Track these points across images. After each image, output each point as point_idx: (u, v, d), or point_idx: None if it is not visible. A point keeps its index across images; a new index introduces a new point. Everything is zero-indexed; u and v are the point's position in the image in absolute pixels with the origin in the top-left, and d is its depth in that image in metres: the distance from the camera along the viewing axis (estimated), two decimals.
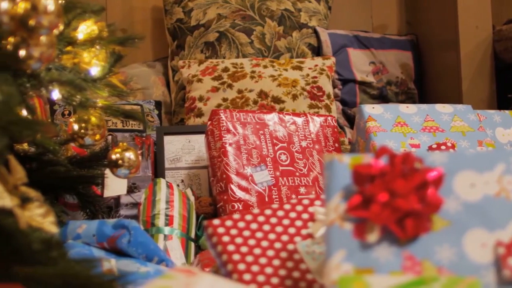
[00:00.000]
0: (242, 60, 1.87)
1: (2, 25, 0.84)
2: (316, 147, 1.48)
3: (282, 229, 0.93)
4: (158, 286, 0.65)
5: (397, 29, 2.35)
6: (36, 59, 0.87)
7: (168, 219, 1.27)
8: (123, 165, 1.12)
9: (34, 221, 0.82)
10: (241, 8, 2.00)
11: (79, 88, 0.98)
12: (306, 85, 1.79)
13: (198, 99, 1.76)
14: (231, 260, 0.88)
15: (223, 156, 1.38)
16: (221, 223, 0.93)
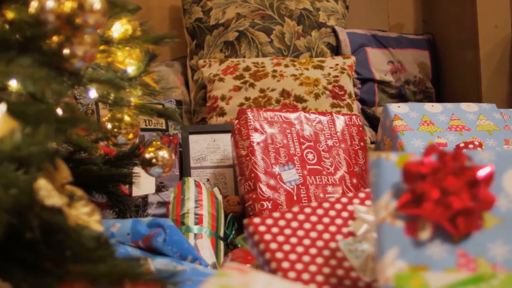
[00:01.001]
0: (263, 59, 1.87)
1: (47, 23, 0.84)
2: (342, 146, 1.49)
3: (323, 227, 0.93)
4: (219, 285, 0.65)
5: (414, 28, 2.36)
6: (80, 58, 0.87)
7: (198, 218, 1.27)
8: (157, 164, 1.12)
9: (80, 220, 0.82)
10: (260, 7, 2.00)
11: (118, 87, 0.98)
12: (328, 84, 1.79)
13: (220, 98, 1.77)
14: (275, 258, 0.88)
15: (251, 155, 1.38)
16: (262, 221, 0.93)
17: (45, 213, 0.73)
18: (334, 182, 1.42)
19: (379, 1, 2.35)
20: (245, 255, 1.14)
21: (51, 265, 0.74)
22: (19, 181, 0.70)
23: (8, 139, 0.68)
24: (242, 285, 0.66)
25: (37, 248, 0.74)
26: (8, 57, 0.75)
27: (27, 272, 0.73)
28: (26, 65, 0.75)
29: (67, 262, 0.74)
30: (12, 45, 0.80)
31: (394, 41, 2.14)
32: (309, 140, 1.46)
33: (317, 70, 1.84)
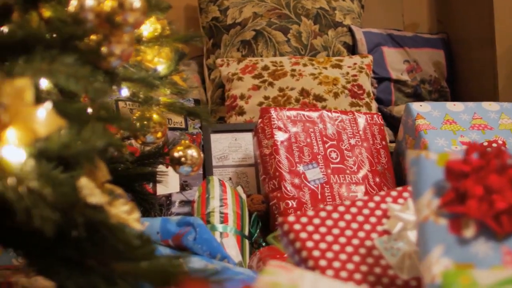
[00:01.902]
0: (281, 59, 1.87)
1: (86, 22, 0.84)
2: (365, 144, 1.49)
3: (357, 225, 0.93)
4: (269, 283, 0.65)
5: (428, 28, 2.36)
6: (117, 56, 0.87)
7: (223, 216, 1.27)
8: (186, 163, 1.12)
9: (120, 218, 0.82)
10: (276, 6, 2.00)
11: (150, 86, 0.99)
12: (347, 83, 1.80)
13: (239, 97, 1.77)
14: (312, 257, 0.88)
15: (275, 153, 1.38)
16: (297, 219, 0.93)
17: (88, 211, 0.73)
18: (357, 181, 1.42)
19: (393, 1, 2.35)
20: (273, 253, 1.15)
21: (95, 263, 0.74)
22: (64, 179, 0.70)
23: (56, 138, 0.68)
24: (291, 283, 0.67)
25: (81, 247, 0.74)
26: (50, 55, 0.75)
27: (72, 270, 0.73)
28: (69, 64, 0.75)
29: (111, 260, 0.74)
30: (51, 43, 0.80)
31: (409, 41, 2.14)
32: (332, 139, 1.46)
33: (335, 69, 1.84)
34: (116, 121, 0.83)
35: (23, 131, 0.67)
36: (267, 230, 1.38)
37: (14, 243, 0.79)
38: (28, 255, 0.77)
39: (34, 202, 0.64)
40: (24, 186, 0.65)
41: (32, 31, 0.78)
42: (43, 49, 0.75)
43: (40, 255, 0.75)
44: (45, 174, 0.66)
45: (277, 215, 1.35)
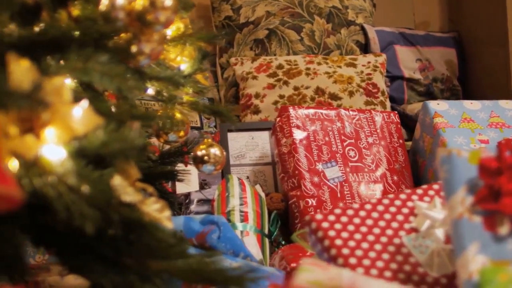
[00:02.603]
0: (295, 57, 1.88)
1: (117, 21, 0.84)
2: (382, 143, 1.49)
3: (384, 223, 0.94)
4: (309, 281, 0.65)
5: (439, 26, 2.36)
6: (147, 55, 0.87)
7: (243, 215, 1.27)
8: (209, 161, 1.12)
9: (152, 216, 0.82)
10: (289, 5, 2.01)
11: (177, 85, 0.99)
12: (361, 82, 1.80)
13: (254, 96, 1.77)
14: (341, 254, 0.88)
15: (294, 152, 1.38)
16: (324, 218, 0.93)
17: (123, 209, 0.73)
18: (376, 180, 1.42)
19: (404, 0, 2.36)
20: (296, 252, 1.15)
21: (130, 262, 0.74)
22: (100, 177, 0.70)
23: (94, 136, 0.69)
24: (330, 280, 0.67)
25: (116, 245, 0.74)
26: (85, 54, 0.75)
27: (107, 269, 0.74)
28: (103, 62, 0.76)
29: (146, 258, 0.74)
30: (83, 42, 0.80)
31: (421, 39, 2.14)
32: (350, 137, 1.46)
33: (349, 68, 1.85)
34: (148, 119, 0.83)
35: (62, 129, 0.67)
36: (286, 229, 1.39)
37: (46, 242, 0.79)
38: (62, 253, 0.77)
39: (74, 200, 0.64)
40: (63, 184, 0.65)
41: (64, 30, 0.78)
42: (77, 48, 0.75)
43: (75, 254, 0.75)
44: (83, 172, 0.67)
45: (297, 214, 1.36)
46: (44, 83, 0.66)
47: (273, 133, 1.48)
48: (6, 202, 0.54)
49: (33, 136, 0.65)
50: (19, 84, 0.61)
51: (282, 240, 1.33)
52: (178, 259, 0.75)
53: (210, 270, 0.74)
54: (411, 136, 1.64)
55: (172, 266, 0.74)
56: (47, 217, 0.71)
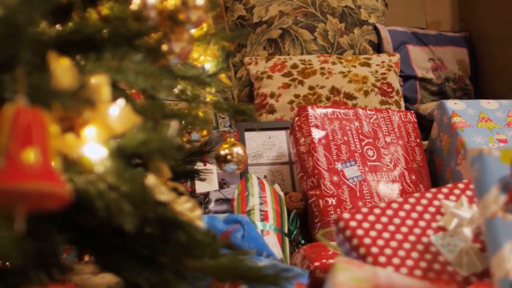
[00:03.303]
0: (309, 57, 1.88)
1: (148, 20, 0.84)
2: (400, 142, 1.49)
3: (412, 222, 0.94)
4: (352, 278, 0.65)
5: (450, 26, 2.37)
6: (176, 54, 0.87)
7: (263, 214, 1.27)
8: (232, 160, 1.12)
9: (185, 215, 0.83)
10: (302, 5, 2.01)
11: (204, 84, 0.99)
12: (376, 81, 1.80)
13: (269, 96, 1.77)
14: (370, 253, 0.88)
15: (313, 151, 1.39)
16: (352, 216, 0.93)
17: (159, 208, 0.73)
18: (394, 179, 1.43)
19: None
20: (318, 251, 1.15)
21: (166, 260, 0.74)
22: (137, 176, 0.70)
23: (133, 135, 0.69)
24: (370, 278, 0.67)
25: (152, 243, 0.74)
26: (120, 53, 0.75)
27: (143, 267, 0.74)
28: (137, 61, 0.76)
29: (181, 257, 0.74)
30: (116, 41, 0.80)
31: (433, 39, 2.15)
32: (368, 136, 1.46)
33: (364, 67, 1.85)
34: (180, 118, 0.83)
35: (101, 128, 0.67)
36: (305, 228, 1.39)
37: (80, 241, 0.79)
38: (96, 252, 0.78)
39: (115, 198, 0.64)
40: (104, 183, 0.65)
41: (97, 29, 0.78)
42: (112, 47, 0.76)
43: (110, 253, 0.76)
44: (123, 171, 0.67)
45: (316, 213, 1.36)
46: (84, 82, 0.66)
47: (291, 132, 1.49)
48: (55, 200, 0.54)
49: (74, 135, 0.65)
50: (63, 83, 0.61)
51: (302, 239, 1.33)
52: (212, 257, 0.75)
53: (245, 269, 0.74)
54: (425, 135, 1.65)
55: (207, 265, 0.74)
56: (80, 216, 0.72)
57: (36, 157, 0.52)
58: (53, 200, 0.53)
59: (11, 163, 0.51)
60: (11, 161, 0.52)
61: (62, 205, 0.54)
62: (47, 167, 0.53)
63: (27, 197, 0.52)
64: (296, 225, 1.34)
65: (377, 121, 1.50)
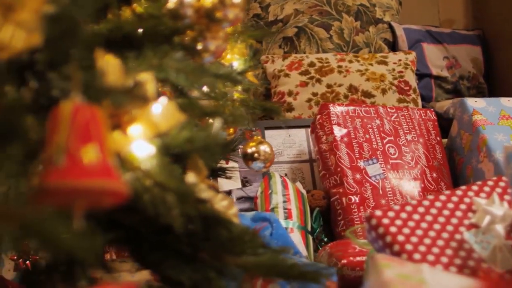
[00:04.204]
0: (326, 55, 1.88)
1: (184, 18, 0.84)
2: (420, 140, 1.50)
3: (444, 219, 0.94)
4: (398, 275, 0.65)
5: (463, 24, 2.37)
6: (211, 52, 0.88)
7: (287, 212, 1.28)
8: (259, 158, 1.12)
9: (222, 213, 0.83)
10: (317, 3, 2.01)
11: (235, 82, 0.99)
12: (394, 80, 1.81)
13: (287, 94, 1.78)
14: (404, 250, 0.88)
15: (335, 149, 1.39)
16: (384, 214, 0.93)
17: (201, 206, 0.74)
18: (416, 177, 1.43)
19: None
20: (344, 248, 1.15)
21: (207, 257, 0.75)
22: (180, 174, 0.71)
23: (178, 132, 0.69)
24: (416, 274, 0.67)
25: (194, 241, 0.74)
26: (161, 51, 0.75)
27: (184, 264, 0.74)
28: (178, 59, 0.76)
29: (223, 254, 0.74)
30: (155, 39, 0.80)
31: (447, 37, 2.15)
32: (390, 134, 1.47)
33: (380, 65, 1.85)
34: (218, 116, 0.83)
35: (147, 125, 0.67)
36: (328, 226, 1.39)
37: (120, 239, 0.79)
38: (137, 250, 0.78)
39: (163, 196, 0.65)
40: (151, 181, 0.65)
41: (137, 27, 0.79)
42: (152, 45, 0.76)
43: (150, 250, 0.76)
44: (169, 169, 0.67)
45: (340, 211, 1.36)
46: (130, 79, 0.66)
47: (312, 130, 1.49)
48: (114, 197, 0.54)
49: (121, 133, 0.65)
50: (112, 81, 0.62)
51: (324, 237, 1.34)
52: (253, 254, 0.75)
53: (286, 266, 0.74)
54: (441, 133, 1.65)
55: (248, 262, 0.74)
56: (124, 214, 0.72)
57: (96, 154, 0.52)
58: (111, 197, 0.54)
59: (71, 160, 0.52)
60: (71, 159, 0.52)
61: (120, 202, 0.54)
62: (106, 164, 0.53)
63: (87, 195, 0.52)
64: (319, 223, 1.34)
65: (398, 119, 1.50)
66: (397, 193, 1.38)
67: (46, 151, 0.52)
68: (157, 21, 0.83)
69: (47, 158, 0.52)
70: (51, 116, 0.54)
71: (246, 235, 0.76)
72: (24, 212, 0.44)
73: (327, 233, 1.36)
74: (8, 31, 0.56)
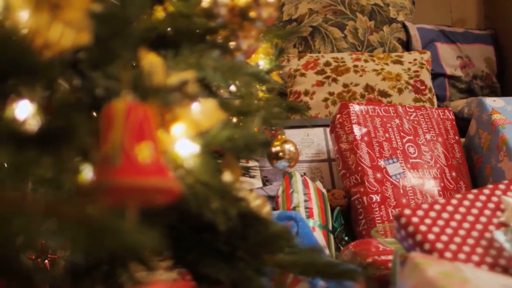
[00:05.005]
0: (342, 55, 1.89)
1: (218, 17, 0.84)
2: (439, 139, 1.50)
3: (473, 218, 0.94)
4: (441, 273, 0.65)
5: (476, 23, 2.37)
6: (243, 51, 0.88)
7: (308, 211, 1.28)
8: (284, 158, 1.12)
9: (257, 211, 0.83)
10: (331, 3, 2.01)
11: (263, 81, 0.99)
12: (410, 79, 1.81)
13: (304, 93, 1.78)
14: (435, 249, 0.88)
15: (356, 148, 1.39)
16: (413, 213, 0.94)
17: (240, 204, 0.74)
18: (435, 176, 1.43)
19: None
20: (368, 247, 1.15)
21: (245, 256, 0.75)
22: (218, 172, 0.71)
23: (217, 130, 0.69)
24: (456, 272, 0.67)
25: (232, 239, 0.75)
26: (199, 49, 0.75)
27: (223, 263, 0.74)
28: (215, 58, 0.76)
29: (261, 252, 0.75)
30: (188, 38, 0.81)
31: (460, 36, 2.16)
32: (409, 134, 1.47)
33: (396, 65, 1.86)
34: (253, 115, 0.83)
35: (189, 124, 0.68)
36: (349, 225, 1.39)
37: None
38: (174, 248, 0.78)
39: (208, 194, 0.65)
40: (194, 179, 0.66)
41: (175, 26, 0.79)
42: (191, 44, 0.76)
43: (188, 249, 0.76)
44: (210, 167, 0.67)
45: (360, 210, 1.36)
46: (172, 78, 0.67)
47: (332, 129, 1.49)
48: (167, 195, 0.54)
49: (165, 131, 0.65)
50: (160, 80, 0.62)
51: (345, 236, 1.34)
52: (289, 253, 0.76)
53: (323, 264, 0.75)
54: None
55: (286, 260, 0.74)
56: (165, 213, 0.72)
57: (150, 152, 0.53)
58: (164, 196, 0.54)
59: (127, 159, 0.52)
60: (126, 157, 0.52)
61: (172, 200, 0.54)
62: (159, 163, 0.53)
63: (142, 193, 0.52)
64: (340, 222, 1.34)
65: (417, 118, 1.51)
66: (417, 192, 1.39)
67: (100, 150, 0.52)
68: (190, 21, 0.84)
69: (102, 157, 0.52)
70: (103, 114, 0.54)
71: (283, 234, 0.76)
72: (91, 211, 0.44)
73: (347, 232, 1.36)
74: (57, 29, 0.57)
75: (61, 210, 0.43)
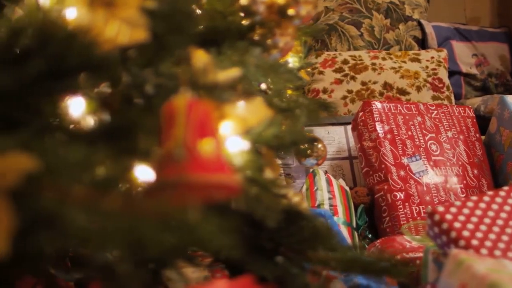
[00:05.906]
0: (359, 53, 1.89)
1: (256, 15, 0.84)
2: (461, 137, 1.50)
3: (506, 215, 0.94)
4: (488, 269, 0.66)
5: (489, 21, 2.38)
6: (280, 49, 0.88)
7: (333, 208, 1.28)
8: (312, 155, 1.12)
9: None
10: (347, 1, 2.02)
11: (298, 78, 0.99)
12: (428, 77, 1.81)
13: (322, 91, 1.78)
14: (471, 245, 0.89)
15: (379, 146, 1.39)
16: (446, 210, 0.94)
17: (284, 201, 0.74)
18: (458, 173, 1.44)
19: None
20: (394, 245, 1.15)
21: (290, 253, 0.75)
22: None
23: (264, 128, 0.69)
24: (502, 268, 0.68)
25: (276, 236, 0.75)
26: (241, 47, 0.76)
27: (268, 260, 0.74)
28: (257, 55, 0.76)
29: (305, 249, 0.75)
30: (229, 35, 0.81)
31: (475, 34, 2.16)
32: (431, 131, 1.47)
33: (414, 63, 1.86)
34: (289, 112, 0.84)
35: (236, 121, 0.68)
36: (372, 222, 1.40)
37: None
38: None
39: (257, 192, 0.65)
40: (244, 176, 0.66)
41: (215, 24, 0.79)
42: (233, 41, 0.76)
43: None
44: (257, 164, 0.67)
45: (384, 207, 1.37)
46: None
47: (354, 127, 1.49)
48: (228, 191, 0.54)
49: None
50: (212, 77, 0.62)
51: (369, 234, 1.34)
52: (332, 250, 0.76)
53: (366, 261, 0.75)
54: None
55: (331, 257, 0.74)
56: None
57: (211, 148, 0.53)
58: (226, 191, 0.54)
59: (190, 155, 0.52)
60: (189, 153, 0.52)
61: (233, 196, 0.55)
62: (221, 159, 0.54)
63: (205, 189, 0.53)
64: (364, 220, 1.34)
65: (438, 116, 1.51)
66: (440, 190, 1.39)
67: (163, 146, 0.53)
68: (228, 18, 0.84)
69: (165, 154, 0.52)
70: (164, 111, 0.54)
71: (327, 230, 0.76)
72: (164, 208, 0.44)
73: (371, 229, 1.36)
74: (114, 26, 0.57)
75: (139, 207, 0.44)
